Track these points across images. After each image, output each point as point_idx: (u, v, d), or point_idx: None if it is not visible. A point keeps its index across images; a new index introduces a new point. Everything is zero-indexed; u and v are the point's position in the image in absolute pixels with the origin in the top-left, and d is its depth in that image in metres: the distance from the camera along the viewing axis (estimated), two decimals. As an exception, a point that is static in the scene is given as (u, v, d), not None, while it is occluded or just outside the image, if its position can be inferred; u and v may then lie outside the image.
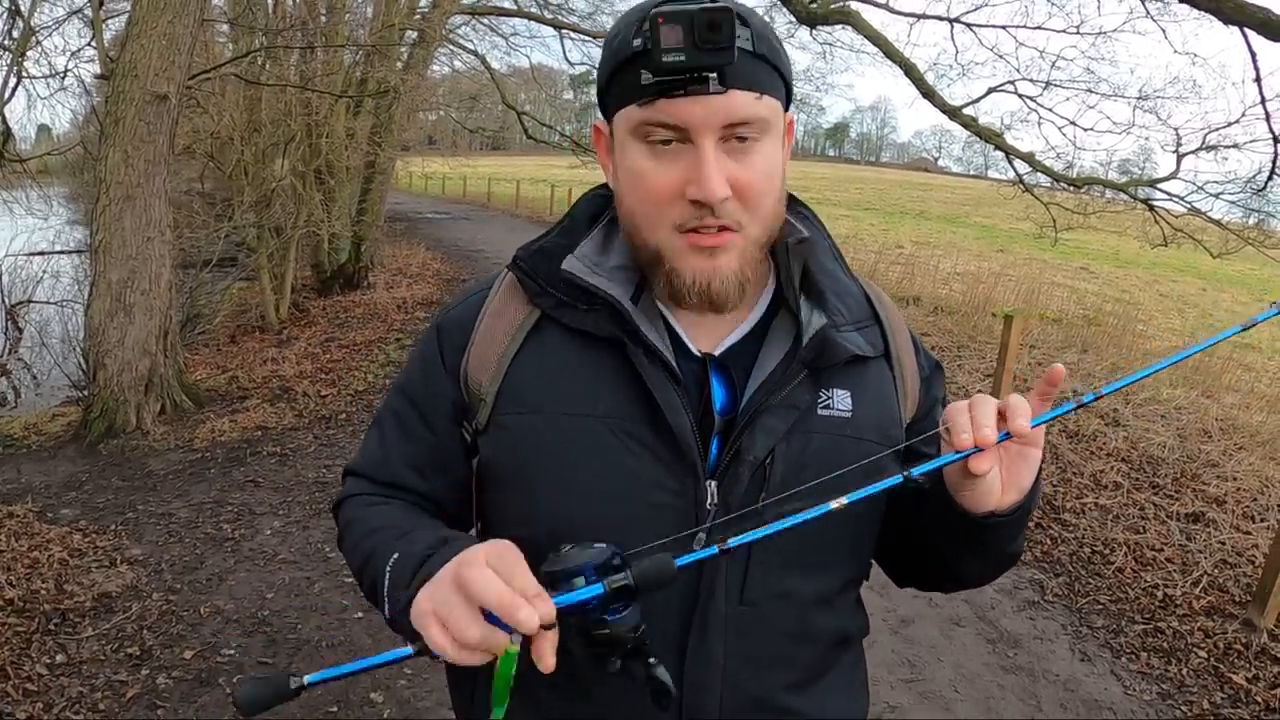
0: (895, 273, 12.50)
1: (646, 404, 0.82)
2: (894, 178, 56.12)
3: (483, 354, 0.88)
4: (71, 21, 8.07)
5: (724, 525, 0.80)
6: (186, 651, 3.01)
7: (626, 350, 0.82)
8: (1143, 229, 9.43)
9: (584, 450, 0.83)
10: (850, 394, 0.87)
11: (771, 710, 0.87)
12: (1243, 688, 3.13)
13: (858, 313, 0.91)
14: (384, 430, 0.97)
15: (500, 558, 0.67)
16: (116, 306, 5.12)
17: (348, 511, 0.96)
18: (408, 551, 0.80)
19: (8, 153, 6.67)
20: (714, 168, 0.75)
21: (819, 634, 0.90)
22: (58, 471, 4.67)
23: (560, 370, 0.85)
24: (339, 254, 11.23)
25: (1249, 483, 4.89)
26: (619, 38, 0.77)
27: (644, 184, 0.79)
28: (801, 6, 9.56)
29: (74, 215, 14.10)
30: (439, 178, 32.38)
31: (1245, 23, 6.28)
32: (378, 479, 0.96)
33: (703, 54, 0.71)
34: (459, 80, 18.59)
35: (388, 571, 0.80)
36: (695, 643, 0.83)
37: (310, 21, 8.88)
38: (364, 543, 0.88)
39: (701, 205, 0.77)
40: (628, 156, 0.80)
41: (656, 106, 0.75)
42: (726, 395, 0.85)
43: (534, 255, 0.90)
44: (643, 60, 0.74)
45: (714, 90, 0.73)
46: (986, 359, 7.54)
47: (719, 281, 0.80)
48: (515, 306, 0.89)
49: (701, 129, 0.75)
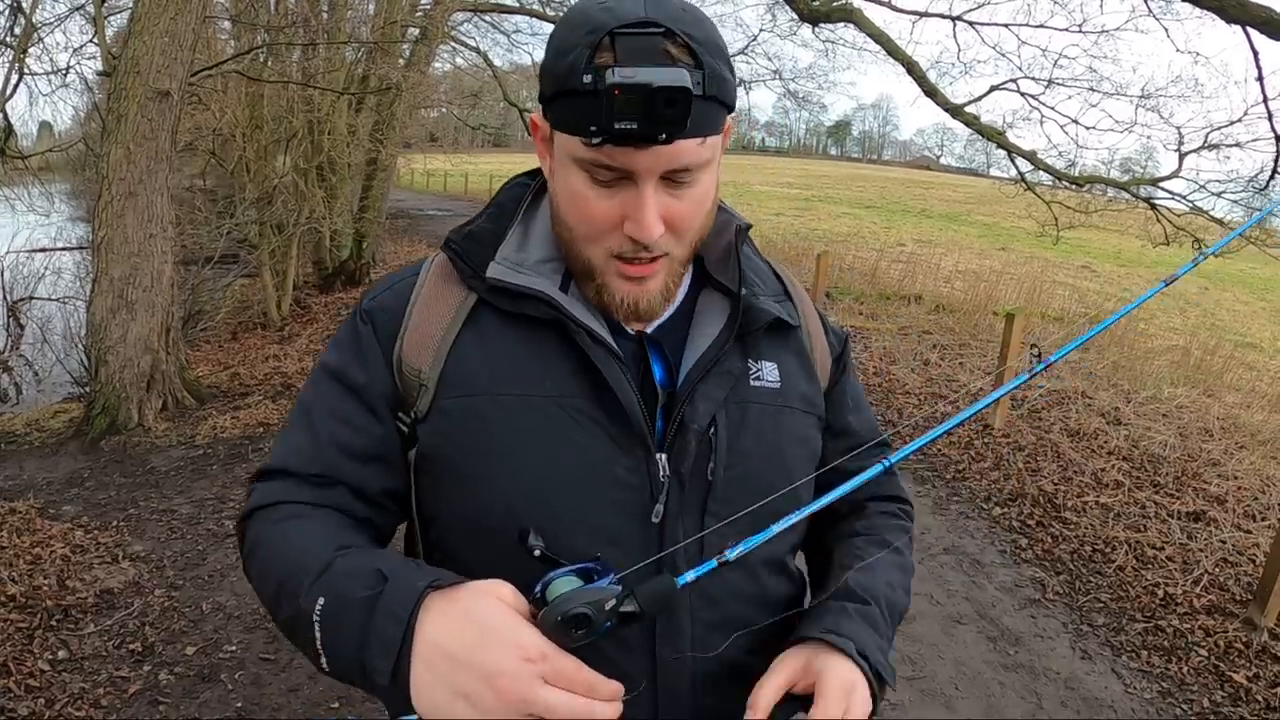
0: (897, 270, 12.49)
1: (592, 382, 0.83)
2: (896, 176, 56.05)
3: (418, 340, 0.87)
4: (73, 18, 8.11)
5: (677, 507, 0.84)
6: (189, 647, 3.02)
7: (567, 330, 0.83)
8: (1144, 228, 9.43)
9: (535, 430, 0.83)
10: (777, 366, 0.92)
11: (741, 674, 0.87)
12: (1243, 686, 3.13)
13: (773, 288, 0.97)
14: (312, 419, 0.90)
15: (557, 670, 0.68)
16: (118, 303, 5.12)
17: (256, 527, 0.88)
18: (339, 593, 0.74)
19: (10, 149, 6.67)
20: (651, 212, 0.77)
21: (773, 598, 0.93)
22: (60, 468, 4.68)
23: (503, 353, 0.85)
24: (341, 251, 11.24)
25: (1250, 481, 4.89)
26: (566, 59, 0.75)
27: (583, 209, 0.80)
28: (804, 4, 9.55)
29: (76, 212, 14.10)
30: (441, 175, 32.50)
31: (1248, 22, 6.28)
32: (306, 471, 0.88)
33: (655, 126, 0.71)
34: (461, 77, 18.59)
35: (316, 620, 0.74)
36: (663, 619, 0.84)
37: (312, 18, 8.86)
38: (273, 570, 0.83)
39: (636, 241, 0.79)
40: (569, 177, 0.80)
41: (602, 150, 0.75)
42: (663, 371, 0.88)
43: (466, 239, 0.90)
44: (591, 108, 0.72)
45: (662, 142, 0.74)
46: (988, 357, 7.54)
47: (646, 301, 0.84)
48: (450, 290, 0.89)
49: (645, 175, 0.76)
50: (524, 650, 0.67)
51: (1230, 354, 8.72)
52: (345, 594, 0.74)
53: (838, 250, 13.85)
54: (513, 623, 0.68)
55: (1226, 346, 9.11)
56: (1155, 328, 10.78)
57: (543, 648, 0.67)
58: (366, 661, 0.70)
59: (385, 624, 0.70)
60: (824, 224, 22.56)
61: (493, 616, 0.69)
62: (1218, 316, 13.85)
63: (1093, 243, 22.21)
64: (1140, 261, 20.18)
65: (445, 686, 0.67)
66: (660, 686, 0.85)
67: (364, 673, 0.71)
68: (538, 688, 0.66)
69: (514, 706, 0.66)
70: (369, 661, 0.70)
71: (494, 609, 0.69)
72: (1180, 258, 17.43)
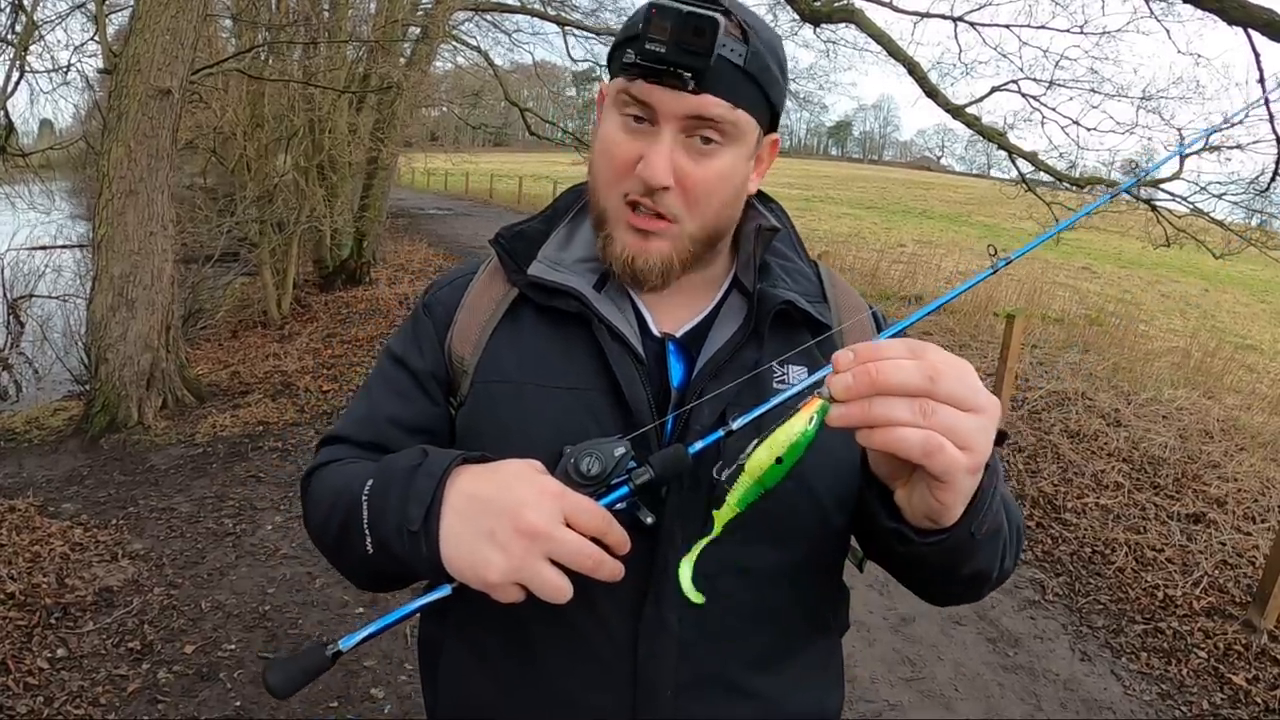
0: (897, 271, 12.49)
1: (609, 379, 0.86)
2: (897, 176, 56.06)
3: (465, 329, 0.93)
4: (74, 16, 8.08)
5: (679, 505, 0.83)
6: (188, 646, 3.02)
7: (593, 327, 0.87)
8: (1145, 229, 9.42)
9: (549, 420, 0.86)
10: (806, 371, 0.89)
11: (730, 687, 0.86)
12: (1242, 688, 3.13)
13: (806, 288, 0.95)
14: (371, 392, 0.98)
15: (575, 504, 0.71)
16: (119, 301, 5.12)
17: (314, 480, 0.94)
18: (386, 471, 0.80)
19: (10, 147, 6.66)
20: (663, 155, 0.80)
21: (779, 614, 0.89)
22: (59, 466, 4.68)
23: (532, 345, 0.90)
24: (341, 249, 11.23)
25: (1250, 484, 4.89)
26: (631, 19, 0.83)
27: (610, 150, 0.84)
28: (805, 4, 9.54)
29: (76, 210, 14.08)
30: (441, 174, 32.51)
31: (1249, 24, 6.27)
32: (358, 438, 0.95)
33: (680, 53, 0.75)
34: (462, 76, 18.61)
35: (364, 499, 0.79)
36: (650, 611, 0.83)
37: (313, 17, 8.86)
38: (330, 488, 0.88)
39: (647, 185, 0.81)
40: (606, 122, 0.85)
41: (635, 84, 0.79)
42: (685, 373, 0.89)
43: (514, 237, 0.95)
44: (632, 41, 0.78)
45: (689, 89, 0.77)
46: (988, 358, 7.54)
47: (643, 260, 0.85)
48: (497, 285, 0.95)
49: (666, 116, 0.79)
50: (545, 487, 0.71)
51: (1230, 356, 8.71)
52: (390, 469, 0.79)
53: (838, 251, 13.85)
54: (538, 471, 0.74)
55: (1227, 348, 9.10)
56: (1155, 329, 10.78)
57: (563, 487, 0.72)
58: (403, 520, 0.74)
59: (422, 481, 0.75)
60: (824, 224, 22.56)
61: (520, 468, 0.74)
62: (1218, 318, 13.85)
63: (1093, 244, 22.23)
64: (1140, 263, 20.19)
65: (471, 527, 0.72)
66: (640, 679, 0.84)
67: (400, 534, 0.75)
68: (557, 524, 0.69)
69: (535, 541, 0.69)
70: (404, 519, 0.74)
71: (521, 465, 0.75)
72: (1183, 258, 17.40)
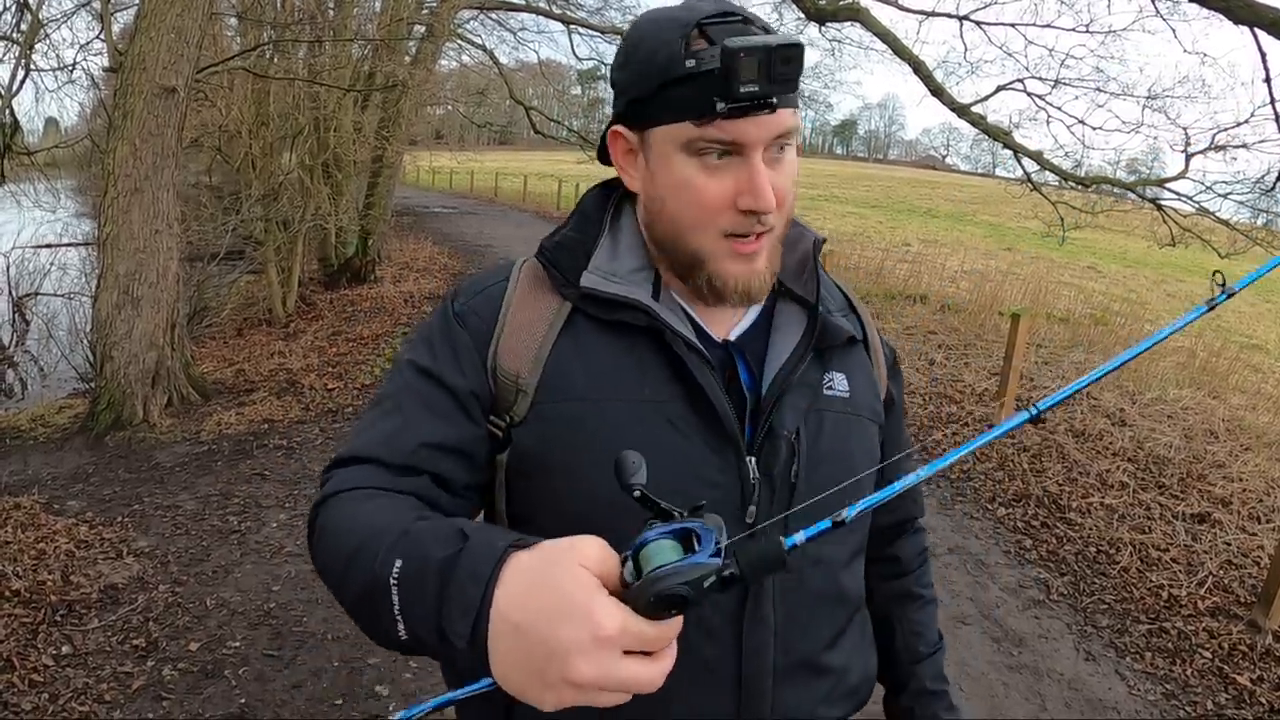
0: (902, 270, 12.48)
1: (686, 387, 0.87)
2: (902, 175, 55.94)
3: (515, 345, 0.89)
4: (80, 14, 8.12)
5: (768, 508, 0.87)
6: (192, 643, 3.03)
7: (664, 338, 0.87)
8: (1150, 229, 9.40)
9: (635, 434, 0.85)
10: (846, 377, 0.97)
11: (814, 668, 0.94)
12: (1247, 689, 3.12)
13: (840, 303, 1.03)
14: (402, 409, 0.89)
15: (639, 641, 0.61)
16: (124, 299, 5.13)
17: (330, 510, 0.85)
18: (418, 553, 0.70)
19: (16, 145, 6.68)
20: (766, 181, 0.81)
21: (845, 595, 0.98)
22: (64, 463, 4.69)
23: (600, 360, 0.88)
24: (346, 248, 11.25)
25: (1255, 484, 4.87)
26: (661, 53, 0.81)
27: (695, 194, 0.83)
28: (811, 3, 9.53)
29: (81, 208, 14.12)
30: (446, 172, 32.51)
31: (1256, 23, 6.25)
32: (393, 460, 0.86)
33: (774, 85, 0.76)
34: (467, 75, 18.62)
35: (394, 583, 0.70)
36: (751, 608, 0.88)
37: (319, 15, 8.87)
38: (348, 534, 0.79)
39: (750, 214, 0.82)
40: (675, 170, 0.84)
41: (716, 125, 0.79)
42: (749, 378, 0.92)
43: (556, 248, 0.93)
44: (705, 85, 0.77)
45: (773, 112, 0.79)
46: (993, 358, 7.52)
47: (758, 281, 0.87)
48: (543, 298, 0.91)
49: (754, 145, 0.80)
50: (600, 627, 0.59)
51: (1236, 356, 8.69)
52: (425, 554, 0.69)
53: (843, 249, 13.81)
54: (596, 588, 0.61)
55: (1232, 348, 9.08)
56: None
57: (623, 622, 0.60)
58: (445, 624, 0.66)
59: (468, 587, 0.65)
60: (829, 223, 22.53)
61: (575, 579, 0.61)
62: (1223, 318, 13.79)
63: (1099, 243, 22.16)
64: (1146, 262, 20.13)
65: (521, 664, 0.62)
66: (745, 675, 0.88)
67: (441, 637, 0.66)
68: (613, 668, 0.60)
69: (584, 693, 0.60)
70: (447, 624, 0.66)
71: (577, 572, 0.62)
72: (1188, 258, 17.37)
